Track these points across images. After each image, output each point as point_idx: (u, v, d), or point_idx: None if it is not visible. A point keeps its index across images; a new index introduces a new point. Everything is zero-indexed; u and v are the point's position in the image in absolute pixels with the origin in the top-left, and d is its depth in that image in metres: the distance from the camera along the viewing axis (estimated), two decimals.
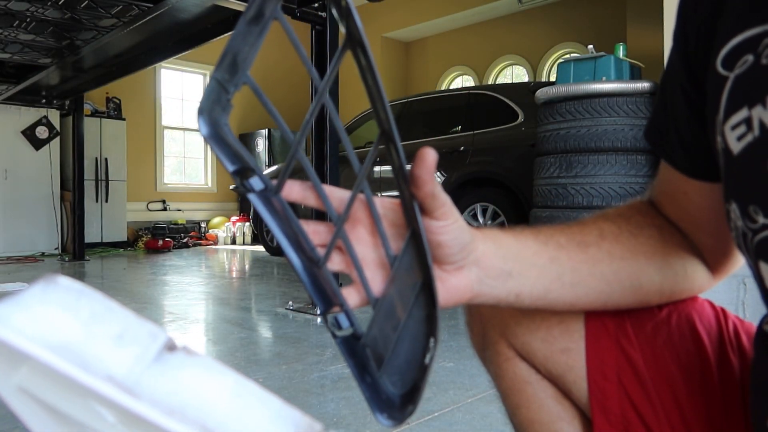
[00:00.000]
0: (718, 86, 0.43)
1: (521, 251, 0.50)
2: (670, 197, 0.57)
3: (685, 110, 0.51)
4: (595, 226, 0.55)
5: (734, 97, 0.41)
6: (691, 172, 0.53)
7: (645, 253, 0.54)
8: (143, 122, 7.73)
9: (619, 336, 0.57)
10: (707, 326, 0.56)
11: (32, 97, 5.89)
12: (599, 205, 3.08)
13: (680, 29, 0.51)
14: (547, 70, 7.48)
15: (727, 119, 0.41)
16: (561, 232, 0.53)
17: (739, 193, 0.40)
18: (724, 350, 0.55)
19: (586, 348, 0.57)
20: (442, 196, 0.42)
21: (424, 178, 0.40)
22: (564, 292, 0.51)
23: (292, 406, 0.28)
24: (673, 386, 0.54)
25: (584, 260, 0.52)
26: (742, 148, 0.40)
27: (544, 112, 3.40)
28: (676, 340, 0.56)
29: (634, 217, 0.57)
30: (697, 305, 0.58)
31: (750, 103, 0.39)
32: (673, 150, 0.54)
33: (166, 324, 2.92)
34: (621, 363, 0.56)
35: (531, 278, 0.50)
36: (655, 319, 0.57)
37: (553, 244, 0.52)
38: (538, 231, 0.52)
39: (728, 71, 0.42)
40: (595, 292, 0.53)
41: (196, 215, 8.13)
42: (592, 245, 0.53)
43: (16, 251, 6.03)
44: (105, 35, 3.68)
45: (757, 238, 0.39)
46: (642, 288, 0.54)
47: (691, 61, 0.49)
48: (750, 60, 0.40)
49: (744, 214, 0.39)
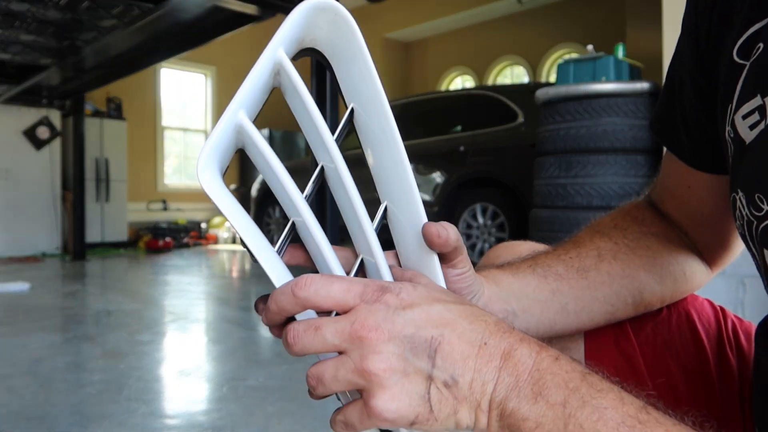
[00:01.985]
0: (734, 75, 0.43)
1: (522, 289, 0.50)
2: (672, 192, 0.57)
3: (692, 100, 0.51)
4: (592, 246, 0.55)
5: (747, 85, 0.41)
6: (697, 164, 0.53)
7: (644, 266, 0.54)
8: (144, 122, 7.73)
9: (618, 336, 0.57)
10: (706, 325, 0.57)
11: (33, 98, 5.89)
12: (599, 205, 3.08)
13: (691, 18, 0.50)
14: (547, 70, 7.48)
15: (739, 108, 0.41)
16: (558, 260, 0.53)
17: (747, 181, 0.40)
18: (723, 349, 0.55)
19: (585, 348, 0.58)
20: (462, 246, 0.43)
21: (452, 233, 0.41)
22: (570, 320, 0.52)
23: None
24: (673, 386, 0.54)
25: (586, 287, 0.52)
26: (755, 137, 0.39)
27: (544, 113, 3.40)
28: (675, 340, 0.56)
29: (630, 227, 0.57)
30: (697, 305, 0.59)
31: (763, 91, 0.39)
32: (679, 140, 0.54)
33: (167, 323, 2.93)
34: (620, 363, 0.56)
35: (536, 314, 0.50)
36: (655, 320, 0.57)
37: (552, 276, 0.52)
38: (535, 263, 0.53)
39: (744, 60, 0.42)
40: (599, 313, 0.53)
41: (197, 215, 8.13)
42: (592, 269, 0.53)
43: (17, 251, 6.04)
44: (106, 36, 3.68)
45: (762, 225, 0.39)
46: (644, 300, 0.55)
47: (702, 49, 0.48)
48: (761, 47, 0.40)
49: (750, 203, 0.39)
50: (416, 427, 0.34)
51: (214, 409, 1.73)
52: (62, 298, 3.71)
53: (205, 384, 2.00)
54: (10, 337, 2.60)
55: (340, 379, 0.35)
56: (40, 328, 2.77)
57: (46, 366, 2.15)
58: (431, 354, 0.33)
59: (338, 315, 0.36)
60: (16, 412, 1.69)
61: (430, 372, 0.33)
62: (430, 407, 0.34)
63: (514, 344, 0.34)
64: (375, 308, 0.35)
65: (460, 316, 0.35)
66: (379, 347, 0.34)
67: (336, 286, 0.35)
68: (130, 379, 1.98)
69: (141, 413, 1.68)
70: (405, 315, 0.34)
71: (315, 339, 0.35)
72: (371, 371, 0.33)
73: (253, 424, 1.60)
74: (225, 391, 1.89)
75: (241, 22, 3.38)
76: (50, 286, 4.14)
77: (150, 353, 2.36)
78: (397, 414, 0.34)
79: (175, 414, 1.71)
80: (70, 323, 2.94)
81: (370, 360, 0.33)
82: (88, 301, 3.63)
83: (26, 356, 2.28)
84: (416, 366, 0.33)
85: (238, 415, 1.66)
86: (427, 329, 0.34)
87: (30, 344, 2.46)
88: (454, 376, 0.33)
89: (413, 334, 0.34)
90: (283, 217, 5.92)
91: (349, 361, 0.34)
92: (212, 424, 1.60)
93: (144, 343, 2.48)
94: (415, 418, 0.34)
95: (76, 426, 1.58)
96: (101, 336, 2.62)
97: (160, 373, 2.12)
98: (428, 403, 0.34)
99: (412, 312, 0.34)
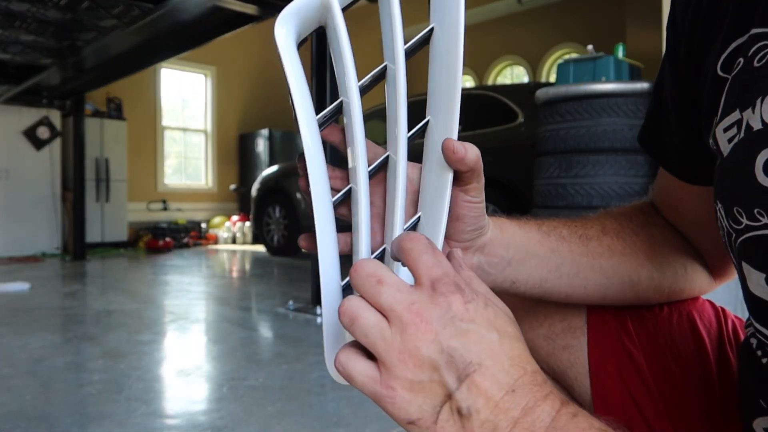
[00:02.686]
0: (718, 89, 0.43)
1: (524, 240, 0.51)
2: (666, 202, 0.58)
3: (675, 117, 0.51)
4: (597, 222, 0.56)
5: (729, 99, 0.41)
6: (686, 177, 0.53)
7: (645, 251, 0.55)
8: (144, 122, 7.73)
9: (621, 333, 0.57)
10: (707, 325, 0.57)
11: (33, 98, 5.90)
12: (599, 205, 3.08)
13: (669, 40, 0.51)
14: (547, 70, 7.49)
15: (721, 121, 0.42)
16: (564, 224, 0.54)
17: (724, 193, 0.41)
18: (723, 349, 0.55)
19: (588, 345, 0.58)
20: (480, 173, 0.43)
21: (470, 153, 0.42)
22: (561, 282, 0.53)
23: None
24: (674, 383, 0.54)
25: (584, 253, 0.53)
26: (730, 150, 0.40)
27: (543, 113, 3.40)
28: (677, 339, 0.56)
29: (636, 216, 0.58)
30: (698, 305, 0.59)
31: (742, 106, 0.39)
32: (667, 154, 0.54)
33: (167, 323, 2.93)
34: (622, 359, 0.56)
35: (529, 267, 0.51)
36: (656, 318, 0.58)
37: (555, 236, 0.52)
38: (541, 222, 0.53)
39: (727, 74, 0.42)
40: (593, 284, 0.54)
41: (197, 215, 8.13)
42: (594, 239, 0.54)
43: (18, 251, 6.04)
44: (106, 36, 3.68)
45: (741, 238, 0.39)
46: (640, 284, 0.55)
47: (680, 66, 0.49)
48: (741, 62, 0.40)
49: (728, 215, 0.40)
50: (410, 429, 0.34)
51: (214, 409, 1.73)
52: (62, 298, 3.71)
53: (205, 384, 2.00)
54: (10, 337, 2.60)
55: (370, 340, 0.34)
56: (40, 328, 2.77)
57: (46, 366, 2.15)
58: (462, 377, 0.33)
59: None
60: (16, 411, 1.69)
61: (453, 392, 0.33)
62: (436, 419, 0.33)
63: (538, 401, 0.33)
64: (438, 302, 0.34)
65: (505, 354, 0.34)
66: (420, 341, 0.33)
67: (425, 258, 0.35)
68: (130, 379, 1.98)
69: (141, 413, 1.68)
70: (460, 326, 0.34)
71: (374, 288, 0.35)
72: (406, 356, 0.33)
73: (253, 424, 1.60)
74: (225, 391, 1.89)
75: (241, 22, 3.38)
76: (50, 286, 4.14)
77: (150, 353, 2.36)
78: (403, 404, 0.33)
79: (175, 414, 1.71)
80: (70, 323, 2.94)
81: (408, 347, 0.33)
82: (88, 301, 3.63)
83: (26, 356, 2.28)
84: (443, 379, 0.33)
85: (238, 415, 1.66)
86: (471, 351, 0.33)
87: (30, 344, 2.46)
88: (471, 408, 0.33)
89: (455, 349, 0.33)
90: (283, 217, 5.91)
91: (388, 332, 0.34)
92: (212, 424, 1.60)
93: (144, 343, 2.49)
94: (417, 420, 0.33)
95: (76, 426, 1.58)
96: (101, 336, 2.62)
97: (160, 373, 2.12)
98: (436, 416, 0.33)
99: (467, 327, 0.34)
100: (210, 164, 8.51)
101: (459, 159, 0.41)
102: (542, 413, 0.33)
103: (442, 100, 0.45)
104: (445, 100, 0.44)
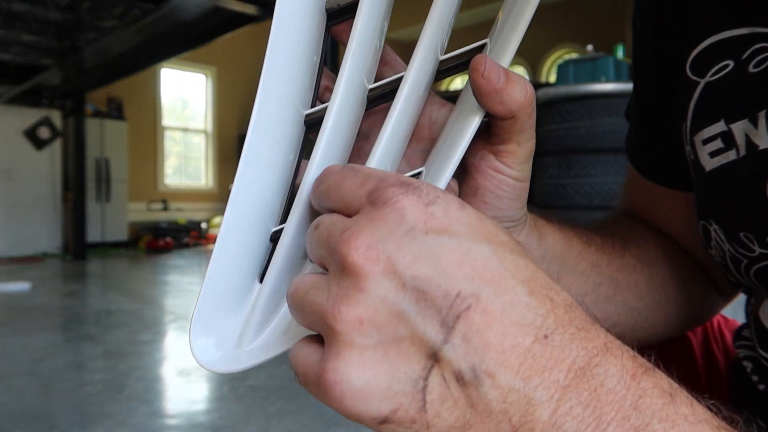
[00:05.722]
0: (687, 92, 0.38)
1: (565, 252, 0.38)
2: (649, 215, 0.52)
3: (644, 120, 0.48)
4: (613, 229, 0.48)
5: (707, 106, 0.36)
6: (661, 180, 0.49)
7: (665, 259, 0.48)
8: (144, 122, 7.74)
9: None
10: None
11: (34, 98, 5.90)
12: (599, 205, 3.08)
13: (635, 44, 0.47)
14: (547, 70, 7.49)
15: (699, 131, 0.37)
16: (594, 231, 0.43)
17: (720, 214, 0.36)
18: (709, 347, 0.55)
19: None
20: (529, 127, 0.27)
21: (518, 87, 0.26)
22: (596, 309, 0.43)
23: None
24: None
25: (621, 267, 0.43)
26: (718, 166, 0.35)
27: (543, 113, 3.40)
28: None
29: (636, 226, 0.53)
30: None
31: (730, 117, 0.34)
32: (641, 157, 0.51)
33: (167, 323, 2.93)
34: None
35: (566, 287, 0.43)
36: None
37: (595, 246, 0.41)
38: (577, 225, 0.42)
39: (698, 77, 0.37)
40: (626, 309, 0.44)
41: (197, 215, 8.14)
42: (627, 249, 0.44)
43: (18, 251, 6.04)
44: (106, 36, 3.69)
45: (757, 267, 0.35)
46: (669, 300, 0.47)
47: (653, 65, 0.45)
48: (730, 66, 0.35)
49: (732, 239, 0.35)
50: (386, 430, 0.20)
51: (214, 409, 1.73)
52: (63, 297, 3.71)
53: (205, 384, 2.00)
54: (11, 336, 2.60)
55: (306, 311, 0.22)
56: (40, 327, 2.78)
57: (46, 366, 2.15)
58: (449, 320, 0.19)
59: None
60: (17, 411, 1.70)
61: (439, 347, 0.19)
62: (423, 402, 0.20)
63: (594, 353, 0.20)
64: (382, 216, 0.20)
65: (514, 275, 0.20)
66: (363, 282, 0.20)
67: (348, 181, 0.23)
68: (130, 379, 1.99)
69: (141, 413, 1.68)
70: (427, 241, 0.20)
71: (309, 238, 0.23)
72: (338, 317, 0.20)
73: (253, 424, 1.60)
74: (225, 391, 1.89)
75: (241, 23, 3.38)
76: (51, 285, 4.14)
77: (150, 353, 2.36)
78: (362, 395, 0.20)
79: (176, 414, 1.71)
80: (71, 323, 2.94)
81: (343, 299, 0.20)
82: (88, 300, 3.63)
83: (27, 356, 2.29)
84: (417, 330, 0.19)
85: (238, 415, 1.67)
86: (455, 278, 0.20)
87: (31, 344, 2.47)
88: (478, 368, 0.19)
89: (429, 278, 0.20)
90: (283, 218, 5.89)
91: (324, 290, 0.21)
92: (212, 424, 1.60)
93: (144, 343, 2.49)
94: (392, 412, 0.20)
95: (76, 425, 1.59)
96: (102, 336, 2.62)
97: (161, 372, 2.13)
98: (421, 394, 0.20)
99: (439, 240, 0.20)
100: (210, 164, 8.51)
101: (492, 91, 0.25)
102: (609, 376, 0.19)
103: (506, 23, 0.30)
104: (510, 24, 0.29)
